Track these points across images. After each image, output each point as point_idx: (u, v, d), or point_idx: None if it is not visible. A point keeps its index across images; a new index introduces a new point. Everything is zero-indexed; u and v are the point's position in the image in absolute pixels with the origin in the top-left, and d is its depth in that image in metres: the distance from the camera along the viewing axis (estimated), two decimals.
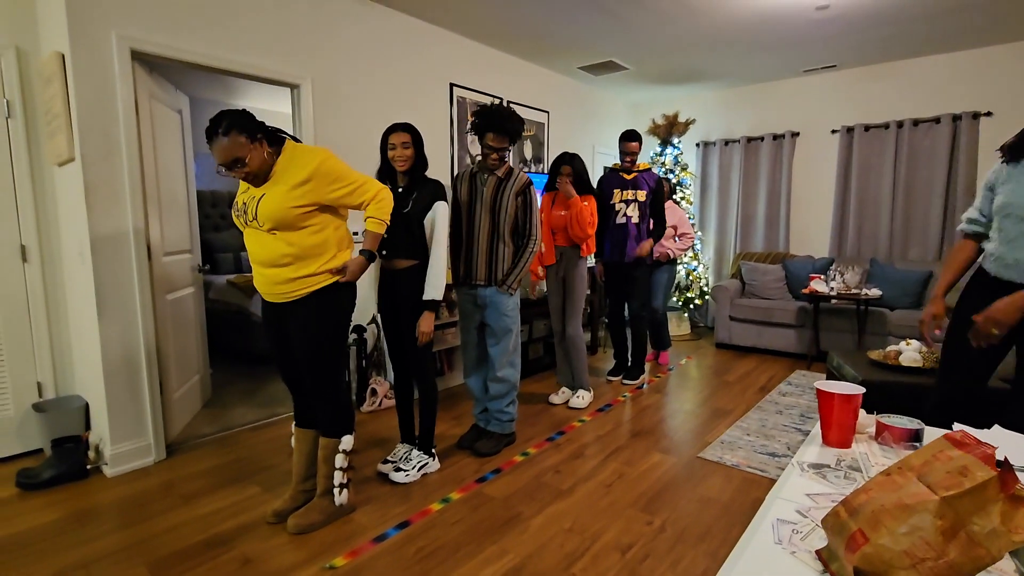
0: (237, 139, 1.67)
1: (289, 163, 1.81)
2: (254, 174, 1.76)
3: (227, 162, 1.67)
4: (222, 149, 1.65)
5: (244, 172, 1.74)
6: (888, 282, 4.42)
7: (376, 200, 1.95)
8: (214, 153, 1.68)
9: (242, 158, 1.67)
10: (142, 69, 2.65)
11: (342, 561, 1.85)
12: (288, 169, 1.81)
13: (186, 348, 3.13)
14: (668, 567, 1.82)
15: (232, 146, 1.65)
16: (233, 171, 1.71)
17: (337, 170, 1.86)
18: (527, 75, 4.71)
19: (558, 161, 3.28)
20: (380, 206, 1.96)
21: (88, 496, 2.31)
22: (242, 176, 1.76)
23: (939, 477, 0.68)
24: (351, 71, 3.38)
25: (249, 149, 1.69)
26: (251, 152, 1.70)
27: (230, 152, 1.65)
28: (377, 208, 1.95)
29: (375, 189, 1.96)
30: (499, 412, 2.78)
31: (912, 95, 4.66)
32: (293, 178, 1.79)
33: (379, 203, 1.95)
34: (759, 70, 4.94)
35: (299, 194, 1.79)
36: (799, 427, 3.06)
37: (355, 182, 1.90)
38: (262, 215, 1.79)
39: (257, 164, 1.72)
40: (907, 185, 4.68)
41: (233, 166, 1.68)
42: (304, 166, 1.80)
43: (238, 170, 1.71)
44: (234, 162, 1.67)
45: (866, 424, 1.25)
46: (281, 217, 1.79)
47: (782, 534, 0.86)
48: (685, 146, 5.91)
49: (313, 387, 2.00)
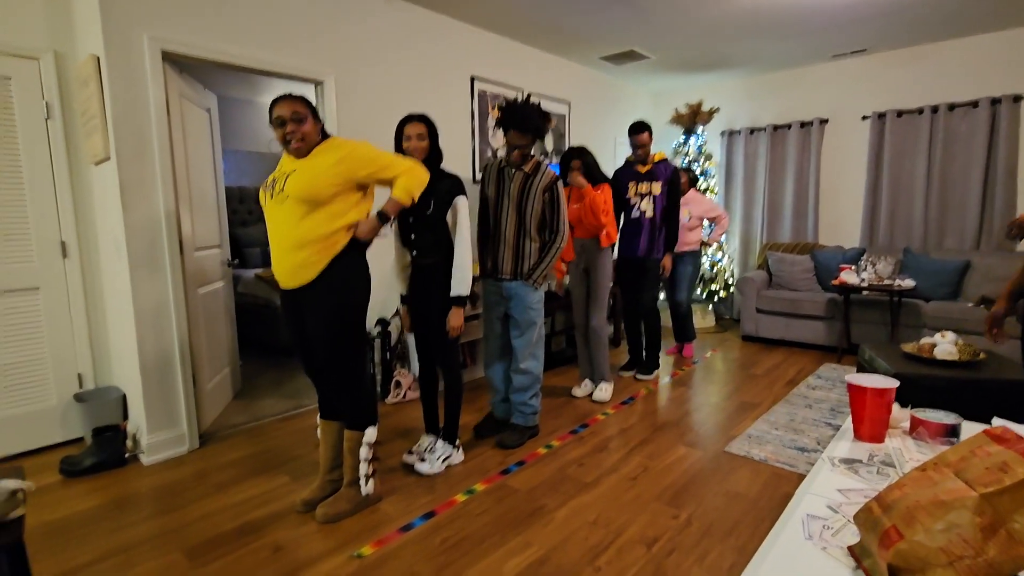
0: (301, 104, 1.90)
1: (327, 148, 1.94)
2: (301, 136, 1.89)
3: (290, 113, 1.86)
4: (289, 103, 1.87)
5: (297, 131, 1.87)
6: (922, 273, 4.28)
7: (407, 172, 1.97)
8: (280, 107, 1.87)
9: (302, 115, 1.88)
10: (172, 70, 2.71)
11: (369, 550, 1.89)
12: (325, 152, 1.92)
13: (217, 340, 3.21)
14: (694, 561, 1.81)
15: (297, 104, 1.88)
16: (287, 126, 1.87)
17: (369, 152, 1.94)
18: (548, 66, 4.67)
19: (566, 157, 3.26)
20: (410, 177, 1.97)
21: (126, 483, 2.40)
22: (291, 136, 1.87)
23: (978, 473, 0.66)
24: (373, 66, 3.41)
25: (307, 114, 1.90)
26: (308, 118, 1.90)
27: (294, 107, 1.87)
28: (407, 179, 1.97)
29: (408, 163, 1.99)
30: (522, 404, 2.79)
31: (947, 78, 4.48)
32: (327, 159, 1.90)
33: (410, 175, 1.97)
34: (786, 56, 4.80)
35: (331, 172, 1.88)
36: (829, 421, 3.00)
37: (386, 159, 1.96)
38: (290, 185, 1.87)
39: (308, 129, 1.90)
40: (942, 172, 4.52)
41: (293, 118, 1.86)
42: (338, 148, 1.92)
43: (292, 125, 1.87)
44: (294, 115, 1.86)
45: (900, 419, 1.22)
46: (308, 188, 1.85)
47: (812, 529, 0.85)
48: (709, 135, 5.80)
49: (334, 379, 2.03)
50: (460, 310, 2.36)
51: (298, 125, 1.88)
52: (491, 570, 1.78)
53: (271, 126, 1.90)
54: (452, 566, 1.80)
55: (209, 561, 1.84)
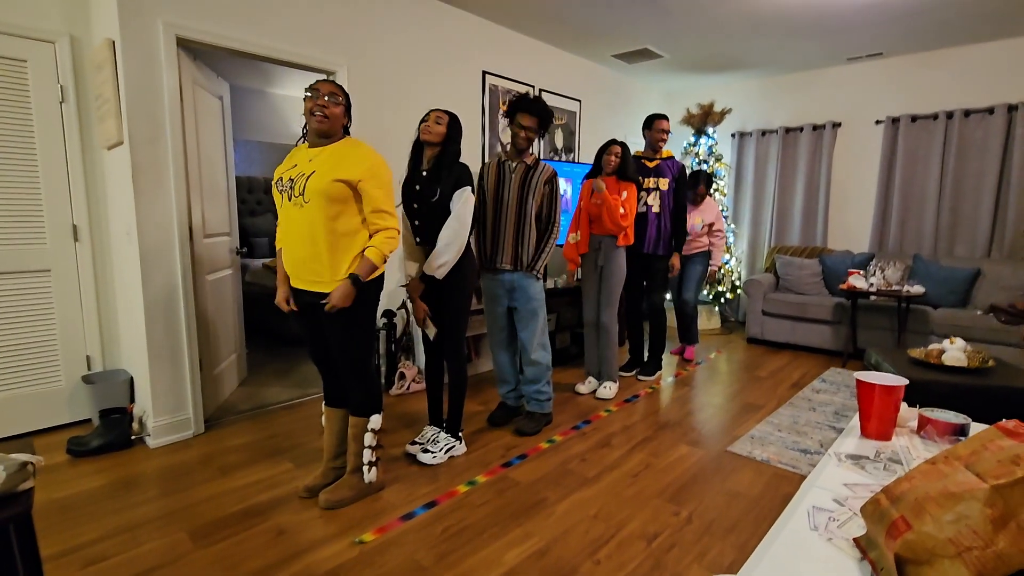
0: (341, 90, 1.97)
1: (352, 150, 1.93)
2: (330, 115, 1.92)
3: (328, 90, 1.92)
4: (331, 84, 1.95)
5: (328, 107, 1.91)
6: (932, 279, 4.25)
7: (385, 234, 1.95)
8: (321, 84, 1.93)
9: (338, 98, 1.95)
10: (186, 56, 2.73)
11: (371, 536, 1.90)
12: (348, 155, 1.92)
13: (224, 327, 3.23)
14: (694, 558, 1.80)
15: (337, 88, 1.95)
16: (320, 99, 1.90)
17: (383, 179, 1.95)
18: (559, 63, 4.67)
19: (608, 144, 3.27)
20: (386, 242, 1.95)
21: (133, 465, 2.42)
22: (319, 109, 1.90)
23: (989, 466, 0.66)
24: (386, 58, 3.41)
25: (342, 101, 1.97)
26: (342, 104, 1.96)
27: (334, 88, 1.94)
28: (383, 241, 1.94)
29: (391, 223, 1.96)
30: (536, 393, 2.87)
31: (964, 84, 4.44)
32: (350, 168, 1.89)
33: (386, 239, 1.95)
34: (800, 58, 4.78)
35: (350, 177, 1.89)
36: (833, 425, 2.99)
37: (385, 204, 1.95)
38: (311, 189, 1.87)
39: (337, 112, 1.95)
40: (955, 179, 4.48)
41: (330, 96, 1.92)
42: (363, 160, 1.92)
43: (324, 100, 1.91)
44: (332, 94, 1.93)
45: (907, 417, 1.21)
46: (326, 190, 1.85)
47: (818, 521, 0.84)
48: (720, 136, 5.78)
49: (345, 370, 2.05)
50: (420, 287, 2.40)
51: (330, 103, 1.91)
52: (492, 559, 1.78)
53: (305, 98, 1.93)
54: (453, 554, 1.81)
55: (213, 542, 1.86)
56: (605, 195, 3.16)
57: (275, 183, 2.00)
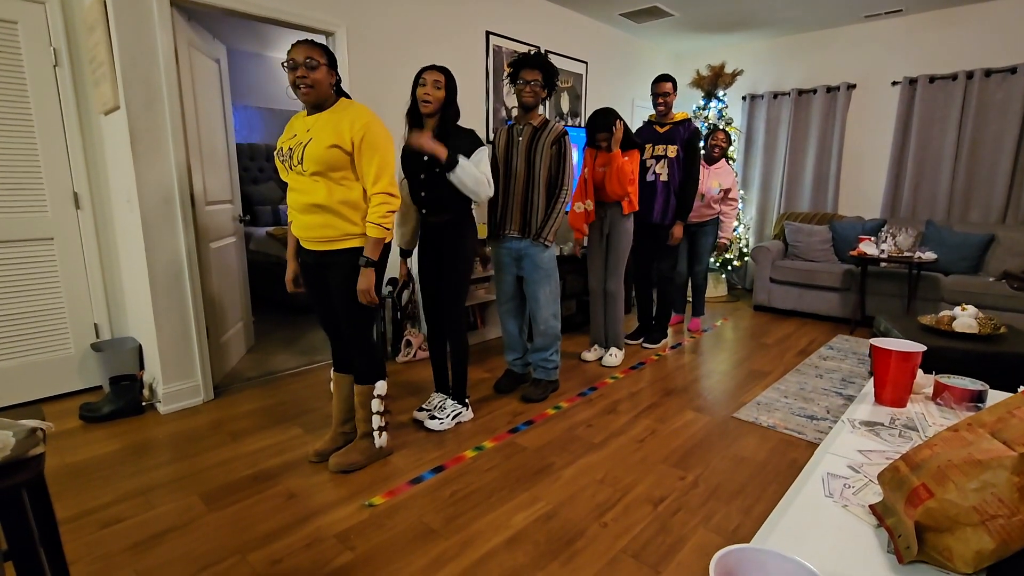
0: (318, 51, 1.85)
1: (343, 112, 1.88)
2: (311, 83, 1.84)
3: (304, 58, 1.82)
4: (305, 47, 1.83)
5: (308, 77, 1.83)
6: (944, 246, 4.19)
7: (377, 200, 1.88)
8: (295, 51, 1.83)
9: (315, 62, 1.83)
10: (181, 16, 2.63)
11: (380, 500, 1.93)
12: (341, 120, 1.86)
13: (230, 295, 3.23)
14: (700, 521, 1.83)
15: (313, 50, 1.84)
16: (298, 71, 1.82)
17: (376, 142, 1.87)
18: (566, 22, 4.50)
19: (600, 119, 3.11)
20: (379, 208, 1.87)
21: (144, 430, 2.46)
22: (300, 81, 1.83)
23: (1017, 433, 0.64)
24: (386, 18, 3.29)
25: (322, 63, 1.85)
26: (322, 66, 1.86)
27: (309, 52, 1.83)
28: (376, 210, 1.88)
29: (383, 187, 1.88)
30: (544, 361, 2.88)
31: (986, 42, 4.26)
32: (344, 132, 1.85)
33: (378, 205, 1.88)
34: (815, 15, 4.59)
35: (345, 143, 1.85)
36: (840, 391, 2.99)
37: (376, 167, 1.87)
38: (307, 158, 1.84)
39: (319, 77, 1.85)
40: (973, 142, 4.35)
41: (307, 63, 1.82)
42: (353, 122, 1.85)
43: (303, 70, 1.82)
44: (308, 60, 1.82)
45: (923, 384, 1.19)
46: (324, 158, 1.82)
47: (833, 488, 0.83)
48: (730, 99, 5.62)
49: (349, 338, 2.05)
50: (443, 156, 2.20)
51: (309, 71, 1.82)
52: (499, 522, 1.81)
53: (286, 71, 1.86)
54: (461, 517, 1.83)
55: (225, 505, 1.89)
56: (616, 154, 3.06)
57: (276, 153, 1.98)
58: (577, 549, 1.68)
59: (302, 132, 1.91)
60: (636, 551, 1.67)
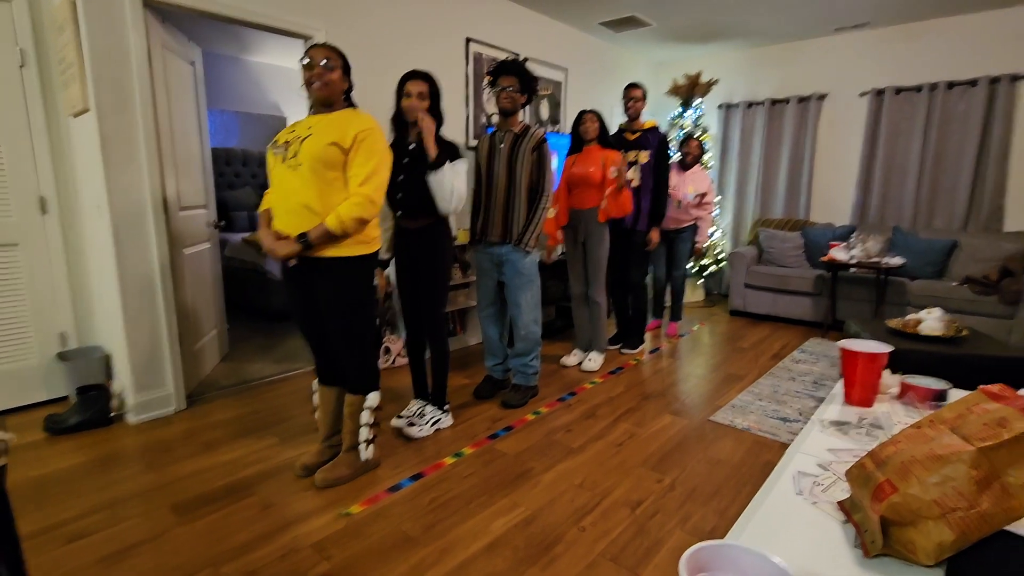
0: (336, 54, 1.92)
1: (353, 118, 1.90)
2: (327, 83, 1.89)
3: (323, 58, 1.87)
4: (325, 48, 1.90)
5: (325, 76, 1.87)
6: (911, 251, 4.32)
7: (352, 200, 1.83)
8: (315, 50, 1.88)
9: (333, 62, 1.90)
10: (154, 17, 2.59)
11: (358, 508, 1.91)
12: (349, 122, 1.88)
13: (204, 302, 3.16)
14: (677, 523, 1.84)
15: (332, 52, 1.90)
16: (316, 69, 1.87)
17: (374, 147, 1.88)
18: (545, 30, 4.55)
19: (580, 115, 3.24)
20: (351, 207, 1.82)
21: (112, 442, 2.39)
22: (316, 79, 1.87)
23: (975, 429, 0.66)
24: (366, 23, 3.28)
25: (339, 65, 1.92)
26: (338, 69, 1.92)
27: (328, 53, 1.89)
28: (347, 207, 1.82)
29: (364, 190, 1.85)
30: (524, 366, 2.88)
31: (948, 56, 4.44)
32: (349, 130, 1.86)
33: (352, 204, 1.83)
34: (788, 28, 4.72)
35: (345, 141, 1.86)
36: (812, 393, 3.05)
37: (364, 169, 1.86)
38: (305, 151, 1.83)
39: (335, 78, 1.91)
40: (937, 152, 4.51)
41: (325, 64, 1.88)
42: (362, 123, 1.88)
43: (320, 70, 1.87)
44: (327, 60, 1.88)
45: (889, 384, 1.23)
46: (321, 155, 1.81)
47: (803, 485, 0.85)
48: (706, 108, 5.73)
49: (341, 347, 2.00)
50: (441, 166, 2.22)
51: (326, 71, 1.87)
52: (478, 529, 1.80)
53: (302, 68, 1.90)
54: (440, 524, 1.82)
55: (198, 517, 1.84)
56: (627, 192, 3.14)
57: (271, 145, 1.95)
58: (556, 554, 1.68)
59: (303, 128, 1.90)
60: (614, 554, 1.68)
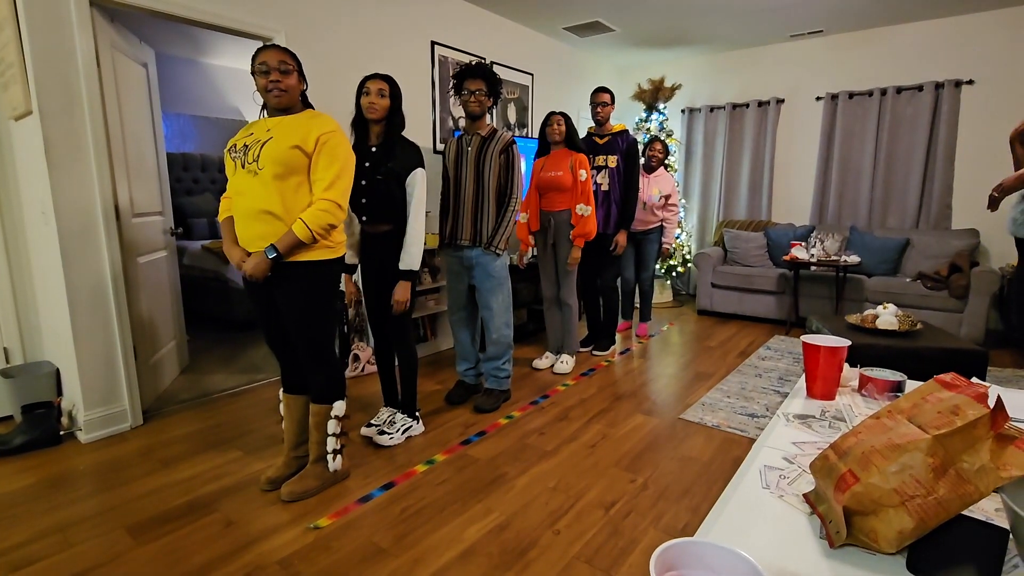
0: (290, 56, 1.85)
1: (311, 119, 1.85)
2: (287, 88, 1.83)
3: (277, 62, 1.81)
4: (277, 51, 1.83)
5: (282, 81, 1.81)
6: (867, 249, 4.49)
7: (319, 206, 1.79)
8: (267, 54, 1.82)
9: (289, 65, 1.83)
10: (102, 17, 2.49)
11: (327, 521, 1.85)
12: (309, 122, 1.84)
13: (161, 312, 3.04)
14: (650, 522, 1.85)
15: (285, 55, 1.83)
16: (272, 75, 1.81)
17: (336, 151, 1.84)
18: (511, 35, 4.56)
19: (548, 116, 3.25)
20: (318, 215, 1.78)
21: (62, 461, 2.26)
22: (273, 86, 1.81)
23: (930, 417, 0.68)
24: (328, 25, 3.23)
25: (294, 68, 1.85)
26: (294, 72, 1.85)
27: (282, 56, 1.82)
28: (313, 214, 1.78)
29: (330, 195, 1.81)
30: (496, 370, 2.86)
31: (896, 62, 4.64)
32: (310, 131, 1.82)
33: (318, 211, 1.79)
34: (746, 34, 4.86)
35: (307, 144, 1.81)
36: (777, 389, 3.13)
37: (327, 173, 1.82)
38: (265, 156, 1.77)
39: (292, 83, 1.85)
40: (888, 153, 4.71)
41: (280, 68, 1.82)
42: (323, 126, 1.84)
43: (276, 75, 1.81)
44: (281, 64, 1.82)
45: (849, 377, 1.26)
46: (283, 158, 1.76)
47: (769, 479, 0.86)
48: (670, 112, 5.84)
49: (305, 354, 1.95)
50: (407, 284, 2.29)
51: (283, 76, 1.81)
52: (452, 537, 1.77)
53: (254, 75, 1.82)
54: (412, 534, 1.78)
55: (155, 537, 1.76)
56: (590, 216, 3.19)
57: (228, 149, 1.89)
58: (531, 559, 1.67)
59: (261, 131, 1.84)
60: (589, 556, 1.67)
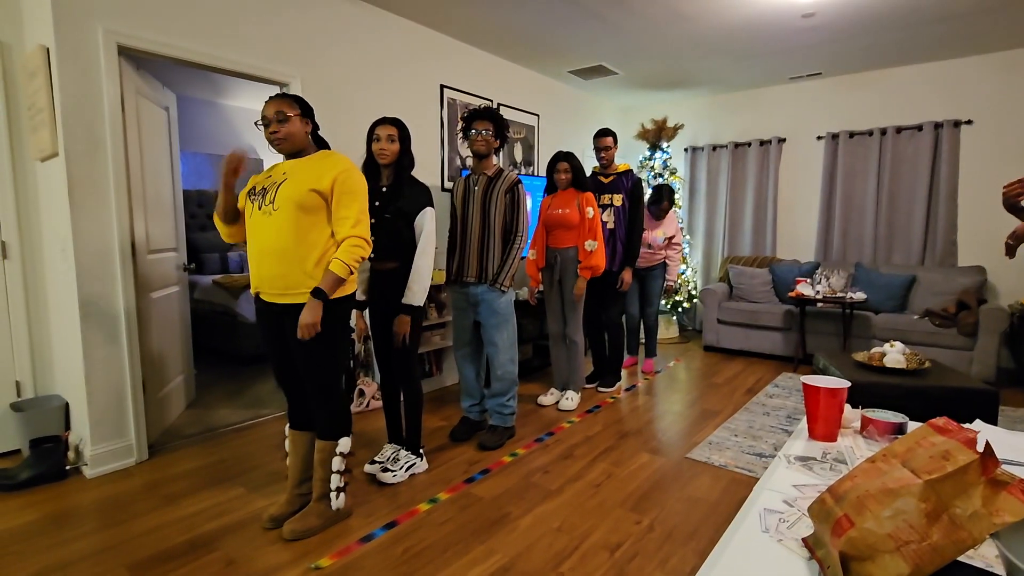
0: (288, 103, 1.91)
1: (324, 160, 1.92)
2: (284, 136, 1.89)
3: (273, 113, 1.87)
4: (274, 103, 1.89)
5: (280, 131, 1.88)
6: (873, 286, 4.48)
7: (350, 243, 1.86)
8: (266, 107, 1.89)
9: (285, 115, 1.89)
10: (128, 65, 2.62)
11: (328, 562, 1.83)
12: (322, 162, 1.91)
13: (170, 347, 3.08)
14: (656, 566, 1.82)
15: (282, 104, 1.89)
16: (271, 127, 1.88)
17: (353, 187, 1.91)
18: (517, 78, 4.73)
19: (554, 160, 3.32)
20: (351, 250, 1.86)
21: (67, 497, 2.26)
22: (273, 136, 1.88)
23: (922, 462, 0.69)
24: (341, 71, 3.37)
25: (293, 114, 1.91)
26: (294, 116, 1.91)
27: (278, 106, 1.88)
28: (347, 251, 1.86)
29: (357, 231, 1.88)
30: (500, 406, 2.85)
31: (895, 103, 4.74)
32: (324, 172, 1.88)
33: (351, 247, 1.86)
34: (746, 77, 5.00)
35: (321, 185, 1.87)
36: (786, 428, 3.09)
37: (351, 209, 1.89)
38: (281, 196, 1.84)
39: (293, 129, 1.90)
40: (891, 191, 4.76)
41: (277, 118, 1.88)
42: (336, 165, 1.90)
43: (275, 126, 1.88)
44: (277, 114, 1.87)
45: (851, 419, 1.26)
46: (299, 199, 1.83)
47: (769, 523, 0.86)
48: (674, 151, 5.96)
49: (312, 391, 1.97)
50: (407, 318, 2.33)
51: (281, 125, 1.88)
52: None
53: (258, 127, 1.93)
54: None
55: None
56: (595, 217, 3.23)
57: (247, 192, 1.96)
58: None
59: (278, 174, 1.92)
60: None
